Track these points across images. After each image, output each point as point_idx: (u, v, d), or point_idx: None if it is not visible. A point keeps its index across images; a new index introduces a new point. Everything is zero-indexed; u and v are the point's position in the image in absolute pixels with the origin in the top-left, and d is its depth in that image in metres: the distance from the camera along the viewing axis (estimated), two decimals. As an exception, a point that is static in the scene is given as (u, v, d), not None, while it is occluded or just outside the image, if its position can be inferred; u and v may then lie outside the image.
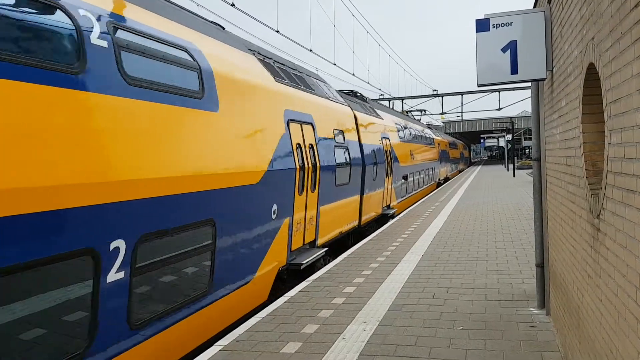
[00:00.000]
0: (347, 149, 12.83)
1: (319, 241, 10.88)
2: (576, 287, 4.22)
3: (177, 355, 5.75)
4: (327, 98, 12.29)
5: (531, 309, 6.83)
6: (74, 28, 4.37)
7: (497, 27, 5.92)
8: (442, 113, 50.01)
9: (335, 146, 11.86)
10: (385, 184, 17.34)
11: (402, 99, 50.40)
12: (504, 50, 5.88)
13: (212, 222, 6.24)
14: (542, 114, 6.69)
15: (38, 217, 3.76)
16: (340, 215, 12.39)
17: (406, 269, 9.40)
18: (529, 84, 8.23)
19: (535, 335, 5.87)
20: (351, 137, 13.50)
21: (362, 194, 14.44)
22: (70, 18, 4.36)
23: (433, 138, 32.54)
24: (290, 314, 7.02)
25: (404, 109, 50.23)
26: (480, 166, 72.77)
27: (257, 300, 7.87)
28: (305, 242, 9.99)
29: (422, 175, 26.48)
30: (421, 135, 27.49)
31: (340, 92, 16.97)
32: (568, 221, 4.63)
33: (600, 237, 3.22)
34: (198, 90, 6.21)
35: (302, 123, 9.82)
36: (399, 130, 20.96)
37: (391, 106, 49.85)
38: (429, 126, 44.06)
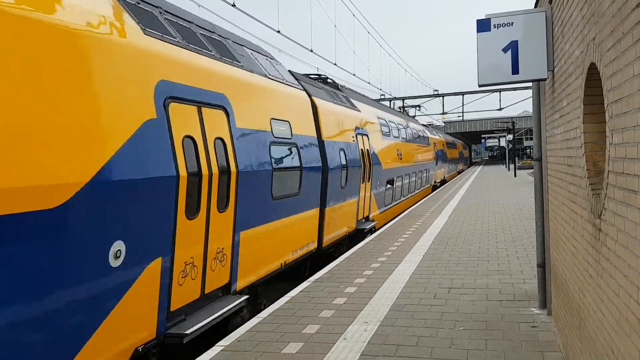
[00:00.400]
0: (295, 146, 9.62)
1: (239, 284, 7.46)
2: (577, 287, 4.21)
3: None
4: (265, 76, 9.04)
5: (532, 309, 6.83)
6: None
7: (498, 27, 5.92)
8: (443, 113, 49.97)
9: (274, 143, 8.67)
10: (362, 192, 14.18)
11: (403, 99, 50.37)
12: (505, 50, 5.88)
13: None
14: (543, 114, 6.68)
15: None
16: (281, 239, 8.99)
17: (407, 269, 9.40)
18: (530, 84, 8.23)
19: (536, 336, 5.87)
20: (305, 131, 10.29)
21: (322, 206, 11.11)
22: None
23: (428, 137, 29.69)
24: (292, 314, 7.02)
25: (399, 106, 50.21)
26: (481, 166, 72.73)
27: None
28: (208, 291, 6.67)
29: (413, 179, 23.51)
30: (413, 133, 24.53)
31: (305, 75, 13.42)
32: (569, 221, 4.63)
33: (601, 237, 3.22)
34: None
35: (200, 105, 6.59)
36: (382, 126, 17.71)
37: (392, 106, 49.84)
38: (428, 125, 43.34)
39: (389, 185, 17.85)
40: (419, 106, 42.95)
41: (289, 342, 5.95)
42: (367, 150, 14.85)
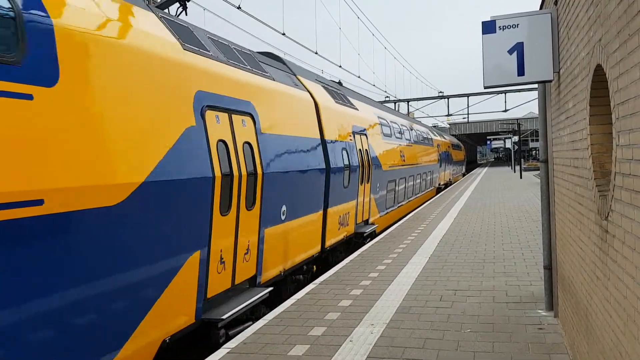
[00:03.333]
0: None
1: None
2: (584, 289, 4.20)
3: None
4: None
5: (539, 311, 6.81)
6: None
7: (503, 29, 5.92)
8: (448, 115, 49.94)
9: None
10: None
11: (408, 100, 50.36)
12: (510, 52, 5.88)
13: None
14: (549, 115, 6.67)
15: None
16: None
17: (413, 271, 9.39)
18: (535, 86, 8.21)
19: (543, 338, 5.85)
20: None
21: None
22: None
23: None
24: (298, 316, 7.03)
25: (409, 111, 50.13)
26: (486, 168, 72.55)
27: None
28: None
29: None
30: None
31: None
32: (576, 223, 4.62)
33: (608, 239, 3.21)
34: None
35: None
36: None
37: (397, 108, 49.79)
38: (433, 127, 43.30)
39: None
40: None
41: (295, 345, 5.96)
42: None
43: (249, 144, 7.65)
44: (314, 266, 11.03)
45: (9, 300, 3.88)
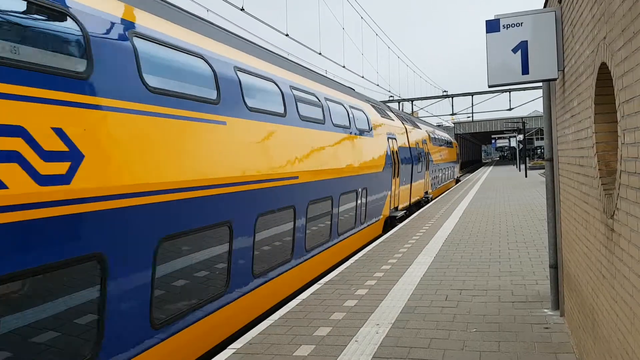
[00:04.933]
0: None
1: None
2: (590, 288, 4.19)
3: None
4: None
5: (545, 310, 6.79)
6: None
7: (507, 27, 5.90)
8: (453, 114, 49.84)
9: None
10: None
11: (412, 100, 50.31)
12: (514, 50, 5.86)
13: None
14: (554, 114, 6.65)
15: None
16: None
17: (418, 271, 9.38)
18: (540, 84, 8.17)
19: (549, 337, 5.83)
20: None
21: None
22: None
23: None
24: (303, 316, 7.03)
25: (414, 110, 50.07)
26: (491, 167, 72.38)
27: None
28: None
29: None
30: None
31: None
32: (582, 222, 4.60)
33: (614, 238, 3.20)
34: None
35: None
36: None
37: (401, 108, 49.76)
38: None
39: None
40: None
41: (300, 345, 5.96)
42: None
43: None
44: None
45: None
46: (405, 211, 18.77)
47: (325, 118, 10.85)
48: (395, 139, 17.40)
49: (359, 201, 12.95)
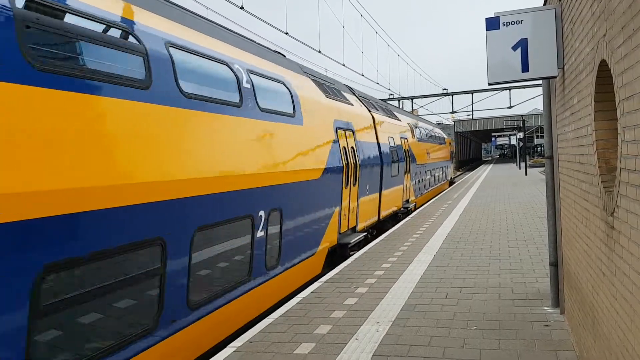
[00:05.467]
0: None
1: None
2: (590, 285, 4.19)
3: None
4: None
5: (545, 307, 6.79)
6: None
7: (507, 25, 5.90)
8: (453, 112, 49.82)
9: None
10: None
11: (412, 98, 50.29)
12: (514, 48, 5.86)
13: None
14: (554, 111, 6.65)
15: None
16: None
17: (418, 269, 9.38)
18: (540, 82, 8.17)
19: (549, 334, 5.84)
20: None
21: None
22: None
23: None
24: (303, 314, 7.04)
25: (414, 108, 50.02)
26: (492, 165, 72.39)
27: None
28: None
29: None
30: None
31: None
32: (582, 219, 4.60)
33: (614, 235, 3.20)
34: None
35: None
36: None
37: (401, 106, 49.73)
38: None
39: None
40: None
41: (301, 343, 5.97)
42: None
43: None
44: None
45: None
46: (367, 233, 13.52)
47: (167, 83, 5.63)
48: (352, 130, 12.87)
49: (258, 233, 7.51)
